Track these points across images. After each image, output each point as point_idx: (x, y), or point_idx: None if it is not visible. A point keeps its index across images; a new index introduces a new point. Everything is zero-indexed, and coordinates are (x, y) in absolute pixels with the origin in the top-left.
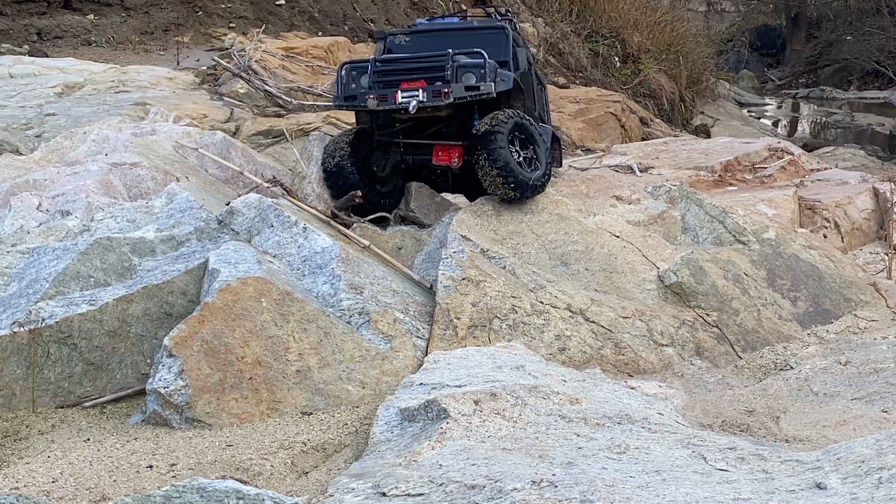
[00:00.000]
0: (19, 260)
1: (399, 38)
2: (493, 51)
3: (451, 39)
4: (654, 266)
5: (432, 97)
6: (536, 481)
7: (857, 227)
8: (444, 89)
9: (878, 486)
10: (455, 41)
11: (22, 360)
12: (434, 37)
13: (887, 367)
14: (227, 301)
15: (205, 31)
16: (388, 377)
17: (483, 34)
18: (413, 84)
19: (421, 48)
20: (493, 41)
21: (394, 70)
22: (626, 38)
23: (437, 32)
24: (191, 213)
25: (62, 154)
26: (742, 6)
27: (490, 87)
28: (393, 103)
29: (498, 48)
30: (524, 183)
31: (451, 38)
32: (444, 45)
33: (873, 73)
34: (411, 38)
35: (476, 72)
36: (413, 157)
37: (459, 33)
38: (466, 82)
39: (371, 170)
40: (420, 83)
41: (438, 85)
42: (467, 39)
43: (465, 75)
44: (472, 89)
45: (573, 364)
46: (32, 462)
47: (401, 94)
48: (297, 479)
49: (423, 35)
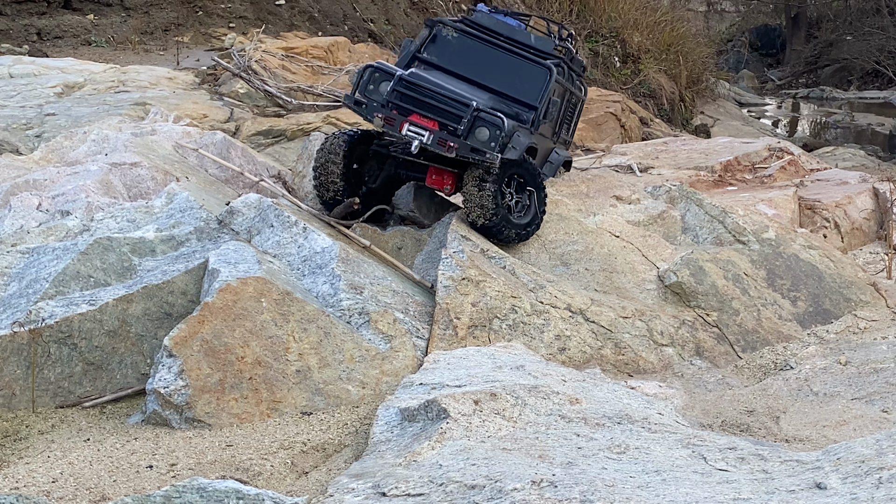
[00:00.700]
0: (19, 260)
1: (447, 32)
2: (529, 89)
3: (496, 59)
4: (654, 266)
5: (437, 144)
6: (536, 481)
7: (857, 227)
8: (450, 142)
9: (878, 486)
10: (499, 63)
11: (22, 360)
12: (481, 47)
13: (887, 367)
14: (227, 301)
15: (205, 31)
16: (388, 377)
17: (528, 68)
18: (425, 122)
19: (462, 56)
20: (533, 78)
21: (414, 97)
22: (626, 38)
23: (487, 44)
24: (191, 213)
25: (62, 154)
26: (742, 6)
27: (496, 157)
28: (398, 132)
29: (534, 88)
30: (507, 229)
31: (496, 58)
32: (488, 61)
33: (873, 73)
34: (459, 38)
35: (491, 130)
36: (407, 174)
37: (506, 56)
38: (478, 137)
39: (362, 179)
40: (432, 123)
41: (446, 135)
42: (511, 67)
43: (480, 129)
44: (477, 152)
45: (573, 364)
46: (32, 462)
47: (408, 126)
48: (297, 479)
49: (470, 39)
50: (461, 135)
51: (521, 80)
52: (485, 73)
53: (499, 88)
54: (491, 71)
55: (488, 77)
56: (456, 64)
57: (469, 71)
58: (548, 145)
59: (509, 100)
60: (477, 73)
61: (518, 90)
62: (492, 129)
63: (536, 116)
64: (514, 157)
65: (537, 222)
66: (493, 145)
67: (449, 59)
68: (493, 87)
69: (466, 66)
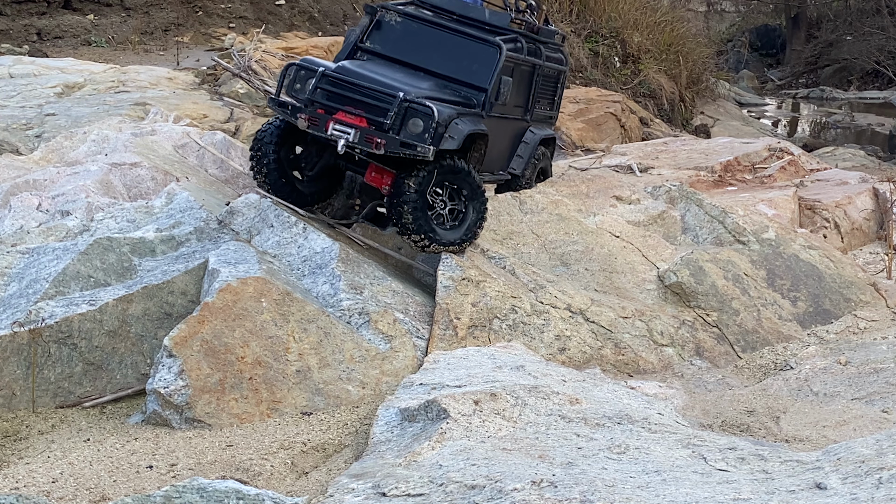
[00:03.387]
0: (19, 260)
1: (391, 17)
2: (478, 70)
3: (442, 41)
4: (654, 266)
5: (364, 141)
6: (536, 481)
7: (857, 227)
8: (377, 138)
9: (878, 487)
10: (445, 45)
11: (22, 360)
12: (426, 30)
13: (887, 367)
14: (227, 301)
15: (205, 31)
16: (388, 377)
17: (476, 47)
18: (351, 119)
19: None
20: (482, 59)
21: (339, 93)
22: (626, 39)
23: (432, 26)
24: (191, 213)
25: (62, 154)
26: (742, 6)
27: (428, 150)
28: (323, 132)
29: (484, 69)
30: (434, 240)
31: (443, 40)
32: (434, 45)
33: (873, 73)
34: (403, 23)
35: (425, 121)
36: (347, 165)
37: (452, 36)
38: (411, 129)
39: (299, 166)
40: (359, 120)
41: (373, 132)
42: (458, 48)
43: (413, 120)
44: (408, 146)
45: (573, 364)
46: (32, 462)
47: (333, 126)
48: (297, 480)
49: (415, 23)
50: (389, 129)
51: (470, 62)
52: (431, 58)
53: (446, 73)
54: (437, 55)
55: (435, 61)
56: (400, 51)
57: (414, 57)
58: (518, 126)
59: (458, 83)
60: (423, 58)
61: (466, 72)
62: (425, 120)
63: (486, 99)
64: (452, 146)
65: (471, 236)
66: (425, 137)
67: (393, 47)
68: (440, 72)
69: (411, 51)
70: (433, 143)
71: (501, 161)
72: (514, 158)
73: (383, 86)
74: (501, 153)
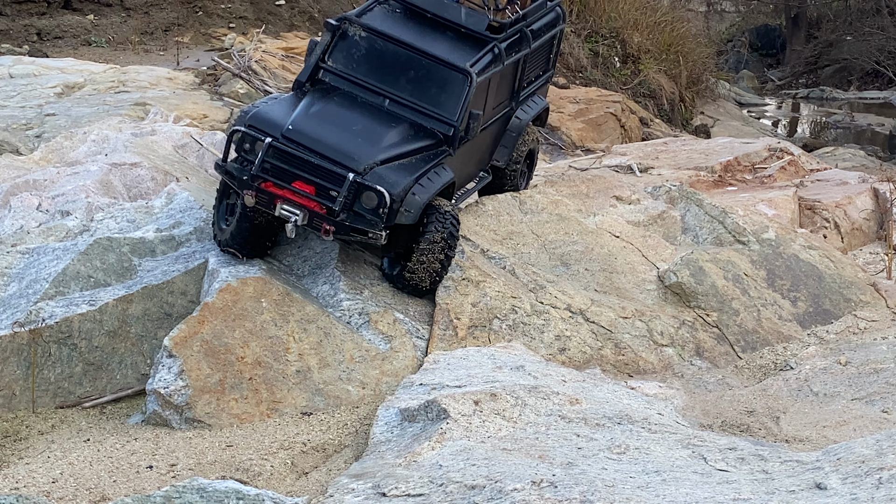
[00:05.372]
0: (19, 260)
1: (355, 31)
2: (445, 100)
3: (410, 61)
4: (654, 266)
5: (313, 226)
6: (536, 481)
7: (857, 227)
8: (326, 224)
9: (878, 487)
10: (411, 67)
11: (22, 360)
12: (390, 49)
13: (887, 368)
14: (227, 301)
15: (205, 31)
16: (388, 377)
17: (445, 72)
18: (300, 199)
19: (372, 60)
20: (451, 88)
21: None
22: (626, 39)
23: (398, 43)
24: (191, 214)
25: (62, 154)
26: (742, 6)
27: (379, 236)
28: (271, 209)
29: (452, 100)
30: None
31: (410, 60)
32: (400, 65)
33: (873, 74)
34: (367, 38)
35: (379, 198)
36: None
37: (419, 58)
38: (364, 204)
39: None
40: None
41: (322, 216)
42: (424, 71)
43: (367, 194)
44: (358, 232)
45: (573, 364)
46: (32, 462)
47: (282, 205)
48: (297, 480)
49: (380, 39)
50: (339, 209)
51: (438, 90)
52: (397, 82)
53: (412, 99)
54: (404, 78)
55: (401, 85)
56: (365, 70)
57: (379, 78)
58: (501, 120)
59: (424, 115)
60: (388, 81)
61: (434, 101)
62: (379, 197)
63: (456, 134)
64: (408, 221)
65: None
66: (378, 216)
67: (357, 66)
68: (406, 100)
69: (376, 72)
70: (387, 222)
71: (481, 165)
72: (498, 150)
73: (335, 156)
74: (481, 159)
